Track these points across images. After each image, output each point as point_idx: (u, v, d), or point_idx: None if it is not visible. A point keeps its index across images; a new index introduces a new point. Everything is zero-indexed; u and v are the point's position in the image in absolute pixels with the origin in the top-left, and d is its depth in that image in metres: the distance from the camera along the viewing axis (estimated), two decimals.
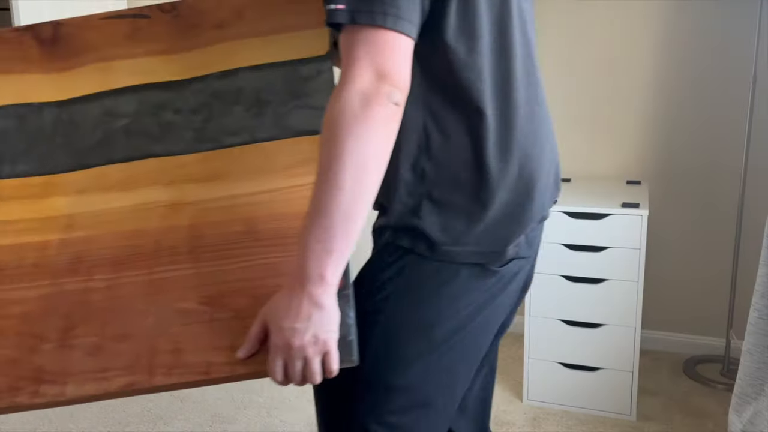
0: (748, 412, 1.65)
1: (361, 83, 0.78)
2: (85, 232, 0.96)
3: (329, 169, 0.79)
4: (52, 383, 0.82)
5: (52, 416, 2.24)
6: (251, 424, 2.16)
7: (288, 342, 0.81)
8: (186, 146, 1.02)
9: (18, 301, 0.89)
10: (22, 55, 1.08)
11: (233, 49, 1.08)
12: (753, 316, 1.66)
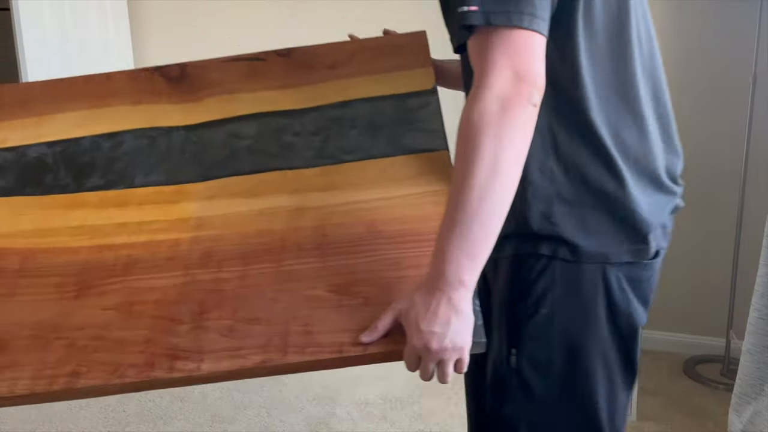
0: (748, 412, 1.65)
1: (501, 86, 0.77)
2: (214, 231, 1.03)
3: (468, 174, 0.79)
4: (187, 360, 0.86)
5: (53, 416, 2.24)
6: (251, 424, 2.16)
7: (426, 345, 0.84)
8: (306, 162, 1.11)
9: (153, 289, 0.95)
10: (151, 89, 1.23)
11: (346, 85, 1.20)
12: (753, 316, 1.66)
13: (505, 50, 0.78)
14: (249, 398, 2.33)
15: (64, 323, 0.90)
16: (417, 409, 2.22)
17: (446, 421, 2.13)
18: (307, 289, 0.94)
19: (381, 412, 2.21)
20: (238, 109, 1.20)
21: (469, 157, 0.79)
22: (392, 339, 0.88)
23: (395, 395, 2.32)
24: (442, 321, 0.83)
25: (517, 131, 0.79)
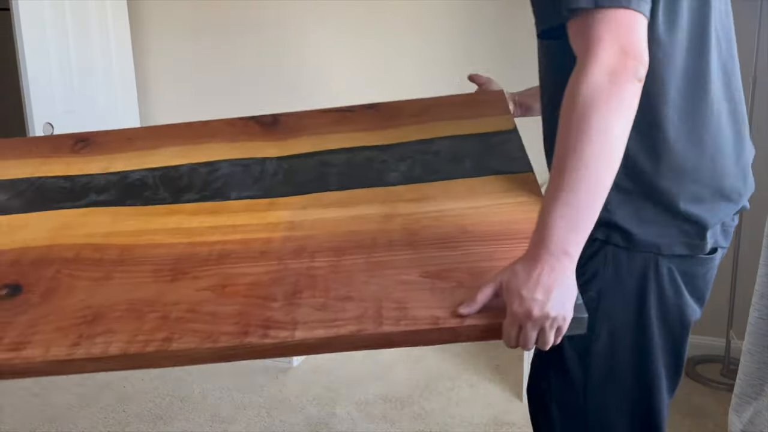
0: (748, 412, 1.65)
1: (608, 60, 0.80)
2: (306, 232, 1.08)
3: (576, 146, 0.81)
4: (281, 329, 0.89)
5: (53, 416, 2.24)
6: (251, 424, 2.16)
7: (528, 311, 0.83)
8: (395, 180, 1.20)
9: (246, 274, 0.99)
10: (246, 132, 1.38)
11: (429, 128, 1.32)
12: (753, 316, 1.66)
13: (611, 27, 0.81)
14: (249, 398, 2.33)
15: (159, 300, 0.96)
16: (417, 409, 2.22)
17: (446, 421, 2.13)
18: (399, 274, 0.96)
19: (381, 412, 2.21)
20: (328, 145, 1.31)
21: (578, 128, 0.81)
22: (491, 313, 0.88)
23: (395, 395, 2.32)
24: (545, 289, 0.83)
25: (625, 104, 0.81)
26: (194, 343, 0.88)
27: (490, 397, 2.28)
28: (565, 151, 0.83)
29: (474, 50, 2.71)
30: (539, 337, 0.86)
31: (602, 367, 1.00)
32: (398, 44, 2.83)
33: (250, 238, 1.08)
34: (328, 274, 0.98)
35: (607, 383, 1.02)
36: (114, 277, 1.02)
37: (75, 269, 1.04)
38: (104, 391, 2.41)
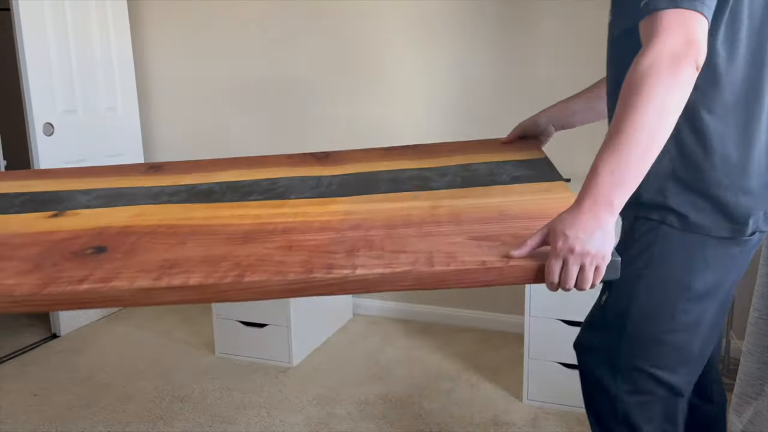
0: (748, 412, 1.65)
1: (673, 44, 0.95)
2: (361, 216, 1.23)
3: (634, 110, 0.95)
4: (343, 268, 1.00)
5: (53, 416, 2.24)
6: (251, 424, 2.16)
7: (571, 247, 0.95)
8: (437, 186, 1.37)
9: (309, 240, 1.13)
10: (304, 162, 1.62)
11: (466, 158, 1.53)
12: (753, 316, 1.66)
13: (680, 21, 0.96)
14: (249, 398, 2.33)
15: (231, 254, 1.09)
16: (417, 409, 2.22)
17: (446, 422, 2.13)
18: (447, 238, 1.09)
19: (381, 412, 2.21)
20: (375, 168, 1.53)
21: (636, 98, 0.95)
22: (535, 257, 0.99)
23: (395, 395, 2.32)
24: (587, 230, 0.94)
25: (681, 84, 0.95)
26: (265, 276, 1.00)
27: (490, 397, 2.28)
28: (622, 116, 0.96)
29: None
30: (579, 275, 0.96)
31: (638, 329, 1.14)
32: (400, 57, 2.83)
33: (311, 220, 1.22)
34: (382, 239, 1.11)
35: (639, 344, 1.15)
36: (188, 243, 1.15)
37: (152, 239, 1.19)
38: (104, 391, 2.41)
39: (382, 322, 3.04)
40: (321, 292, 1.00)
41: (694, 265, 1.11)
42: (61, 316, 2.95)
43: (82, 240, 1.21)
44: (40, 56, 2.77)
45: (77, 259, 1.12)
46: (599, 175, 0.96)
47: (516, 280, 1.00)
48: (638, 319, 1.14)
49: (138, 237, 1.20)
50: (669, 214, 1.10)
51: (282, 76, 3.06)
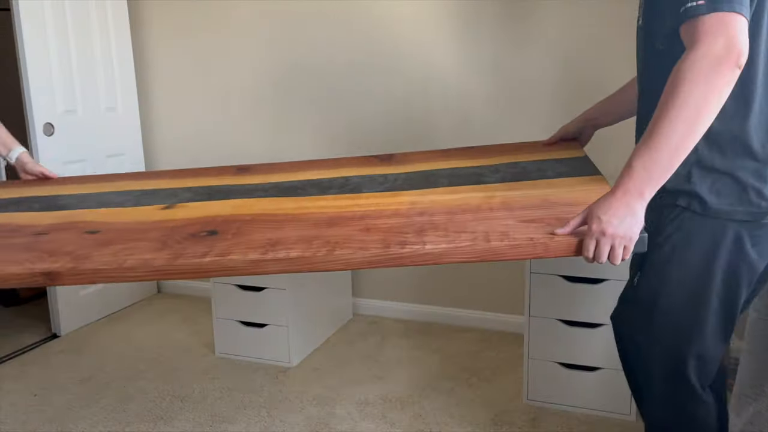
0: (748, 412, 1.65)
1: (716, 48, 1.03)
2: (425, 206, 1.43)
3: (670, 115, 1.06)
4: (414, 244, 1.21)
5: (53, 416, 2.24)
6: (251, 424, 2.16)
7: (603, 229, 1.12)
8: (491, 181, 1.58)
9: (383, 223, 1.35)
10: (368, 163, 1.88)
11: (515, 157, 1.75)
12: (753, 316, 1.66)
13: (721, 24, 1.03)
14: (249, 398, 2.33)
15: (321, 235, 1.31)
16: (417, 409, 2.22)
17: (446, 421, 2.13)
18: (501, 222, 1.28)
19: (381, 412, 2.21)
20: (435, 167, 1.75)
21: (676, 101, 1.05)
22: (575, 236, 1.17)
23: (395, 395, 2.32)
24: (619, 215, 1.11)
25: (722, 86, 1.04)
26: (351, 250, 1.22)
27: (490, 397, 2.28)
28: (661, 117, 1.07)
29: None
30: (610, 252, 1.13)
31: (668, 308, 1.26)
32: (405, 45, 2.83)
33: (383, 209, 1.44)
34: (446, 222, 1.31)
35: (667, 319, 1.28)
36: (284, 227, 1.38)
37: (253, 225, 1.42)
38: (104, 391, 2.41)
39: (382, 322, 3.04)
40: (396, 264, 1.21)
41: (715, 248, 1.21)
42: (61, 316, 2.95)
43: (195, 226, 1.44)
44: (40, 56, 2.77)
45: (195, 240, 1.35)
46: (633, 169, 1.10)
47: (559, 253, 1.18)
48: (669, 299, 1.26)
49: (241, 223, 1.43)
50: (693, 200, 1.20)
51: (282, 76, 3.06)
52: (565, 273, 2.09)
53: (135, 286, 3.40)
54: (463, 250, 1.18)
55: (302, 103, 3.05)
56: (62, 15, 2.87)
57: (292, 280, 2.52)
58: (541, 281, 2.12)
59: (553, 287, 2.11)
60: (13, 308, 3.38)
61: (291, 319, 2.54)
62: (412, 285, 3.04)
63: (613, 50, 2.48)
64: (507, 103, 2.70)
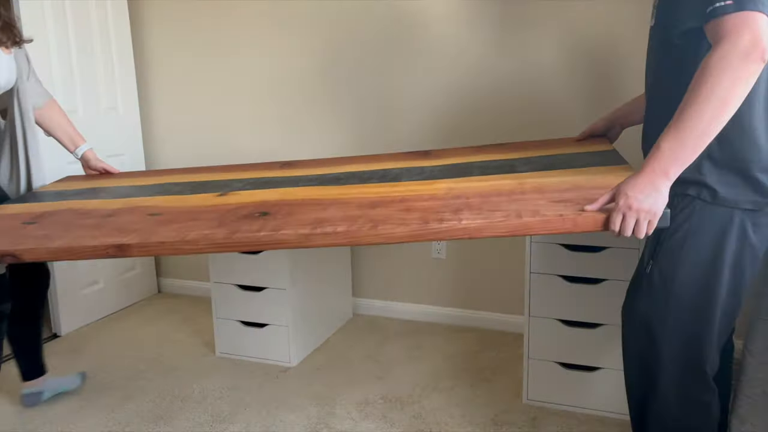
0: (748, 412, 1.65)
1: (743, 43, 1.12)
2: (461, 191, 1.54)
3: (698, 103, 1.15)
4: (451, 220, 1.34)
5: (53, 416, 2.24)
6: (251, 424, 2.16)
7: (629, 204, 1.22)
8: (523, 171, 1.67)
9: (422, 204, 1.47)
10: (408, 157, 2.03)
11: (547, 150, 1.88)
12: (753, 316, 1.66)
13: (746, 22, 1.13)
14: (249, 398, 2.33)
15: (365, 214, 1.44)
16: (417, 409, 2.22)
17: (446, 421, 2.13)
18: (532, 202, 1.38)
19: (381, 412, 2.21)
20: (469, 160, 1.87)
21: (706, 88, 1.14)
22: (603, 212, 1.27)
23: (395, 395, 2.32)
24: (645, 192, 1.21)
25: (748, 78, 1.14)
26: (392, 226, 1.34)
27: (490, 397, 2.28)
28: (687, 104, 1.17)
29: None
30: (636, 226, 1.22)
31: (682, 291, 1.35)
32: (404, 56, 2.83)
33: (421, 193, 1.56)
34: (480, 203, 1.42)
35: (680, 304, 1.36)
36: (329, 209, 1.51)
37: (301, 207, 1.55)
38: (104, 391, 2.41)
39: (382, 322, 3.04)
40: (433, 238, 1.34)
41: (723, 234, 1.31)
42: (61, 316, 2.95)
43: (248, 209, 1.59)
44: (40, 56, 2.77)
45: (248, 219, 1.50)
46: (660, 151, 1.21)
47: (587, 228, 1.27)
48: (682, 283, 1.35)
49: (291, 206, 1.58)
50: (703, 189, 1.31)
51: (282, 76, 3.06)
52: (565, 273, 2.09)
53: (135, 287, 3.40)
54: (497, 225, 1.29)
55: (302, 102, 3.05)
56: (62, 15, 2.87)
57: (292, 280, 2.52)
58: (541, 281, 2.12)
59: (553, 287, 2.11)
60: None
61: (291, 319, 2.54)
62: (412, 285, 3.04)
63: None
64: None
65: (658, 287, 1.38)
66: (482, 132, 2.74)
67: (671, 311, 1.37)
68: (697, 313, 1.36)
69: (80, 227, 1.59)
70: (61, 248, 1.48)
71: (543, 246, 2.10)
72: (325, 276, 2.81)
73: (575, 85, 2.58)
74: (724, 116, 1.16)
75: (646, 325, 1.42)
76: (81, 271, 3.06)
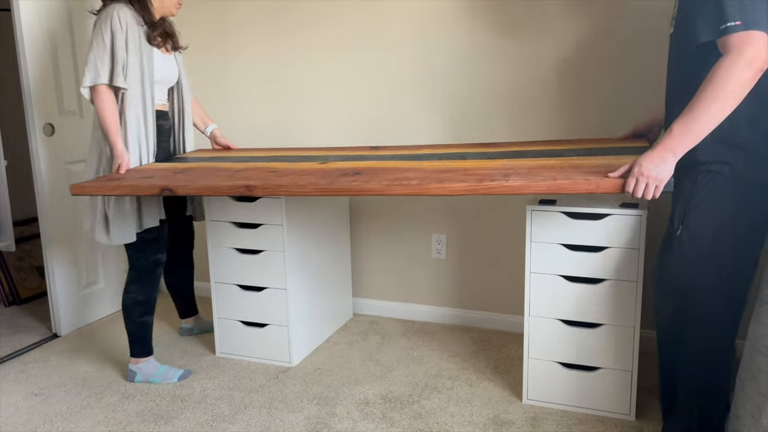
0: (747, 411, 1.65)
1: (747, 55, 1.44)
2: (512, 166, 1.87)
3: (707, 99, 1.47)
4: (501, 180, 1.69)
5: (53, 416, 2.24)
6: (251, 424, 2.16)
7: (642, 171, 1.57)
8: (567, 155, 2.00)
9: (479, 171, 1.84)
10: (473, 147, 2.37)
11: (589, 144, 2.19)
12: (755, 314, 1.66)
13: (750, 40, 1.44)
14: (249, 398, 2.33)
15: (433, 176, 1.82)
16: (417, 409, 2.22)
17: (446, 421, 2.13)
18: (568, 173, 1.72)
19: (381, 412, 2.21)
20: (523, 149, 2.21)
21: (714, 88, 1.46)
22: (621, 178, 1.61)
23: (395, 395, 2.32)
24: (655, 164, 1.55)
25: (748, 83, 1.45)
26: (454, 183, 1.71)
27: (489, 397, 2.28)
28: (699, 99, 1.49)
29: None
30: (645, 189, 1.57)
31: (705, 253, 1.63)
32: (400, 53, 2.83)
33: (481, 166, 1.92)
34: (527, 172, 1.77)
35: (706, 263, 1.64)
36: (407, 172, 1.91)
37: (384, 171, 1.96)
38: (105, 390, 2.41)
39: (382, 322, 3.04)
40: (486, 192, 1.69)
41: (743, 202, 1.58)
42: (61, 316, 2.95)
43: (343, 171, 2.01)
44: (41, 56, 2.77)
45: (344, 176, 1.93)
46: (673, 133, 1.54)
47: (607, 189, 1.62)
48: (709, 241, 1.62)
49: (377, 170, 1.98)
50: (723, 165, 1.58)
51: (281, 75, 3.06)
52: (565, 273, 2.09)
53: None
54: (536, 184, 1.65)
55: (301, 101, 3.05)
56: (62, 15, 2.87)
57: (292, 280, 2.52)
58: (541, 281, 2.12)
59: (553, 287, 2.11)
60: (13, 308, 3.38)
61: (291, 319, 2.55)
62: (412, 285, 3.04)
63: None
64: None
65: (687, 246, 1.66)
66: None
67: (698, 265, 1.65)
68: (719, 266, 1.63)
69: (217, 176, 2.07)
70: (205, 186, 1.96)
71: (543, 246, 2.10)
72: (325, 276, 2.81)
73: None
74: (726, 111, 1.47)
75: (677, 281, 1.70)
76: (81, 271, 3.06)
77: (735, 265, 1.63)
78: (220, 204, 2.54)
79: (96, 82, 2.23)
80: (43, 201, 2.85)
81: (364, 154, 2.33)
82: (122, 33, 2.24)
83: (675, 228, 1.69)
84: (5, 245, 3.00)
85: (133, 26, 2.28)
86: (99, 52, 2.23)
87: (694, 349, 1.72)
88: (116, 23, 2.23)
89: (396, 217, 3.00)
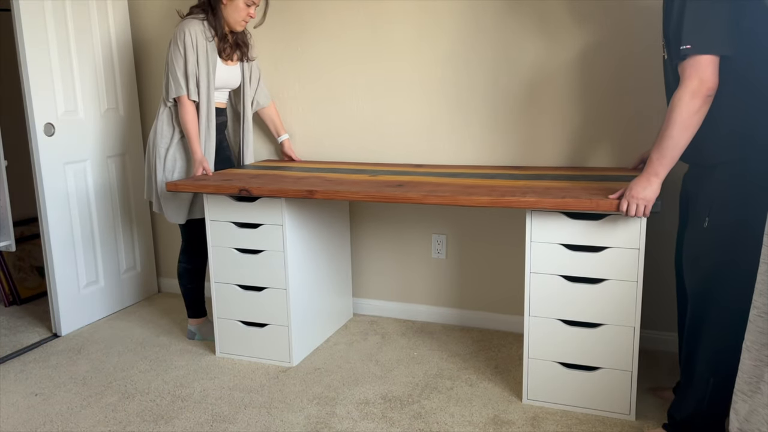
0: (745, 409, 1.65)
1: (693, 85, 1.64)
2: (531, 185, 2.20)
3: (669, 129, 1.70)
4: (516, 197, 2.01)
5: (53, 416, 2.24)
6: (251, 424, 2.16)
7: (632, 194, 1.83)
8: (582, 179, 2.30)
9: (501, 188, 2.17)
10: (501, 169, 2.67)
11: (603, 172, 2.47)
12: (752, 313, 1.66)
13: (696, 68, 1.64)
14: (249, 398, 2.33)
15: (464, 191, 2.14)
16: (417, 408, 2.22)
17: (446, 421, 2.13)
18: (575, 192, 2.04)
19: (381, 412, 2.21)
20: (547, 172, 2.52)
21: (672, 119, 1.68)
22: (617, 200, 1.90)
23: (395, 395, 2.32)
24: (642, 186, 1.81)
25: (698, 111, 1.66)
26: (480, 196, 2.04)
27: (489, 397, 2.28)
28: (664, 128, 1.72)
29: None
30: (636, 209, 1.83)
31: (727, 239, 1.75)
32: (399, 52, 2.83)
33: (506, 184, 2.25)
34: (542, 191, 2.07)
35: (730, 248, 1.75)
36: (443, 186, 2.25)
37: (424, 184, 2.32)
38: (105, 390, 2.41)
39: (382, 322, 3.04)
40: (506, 205, 2.01)
41: (756, 196, 1.71)
42: (61, 316, 2.95)
43: (390, 182, 2.36)
44: (41, 56, 2.78)
45: (389, 187, 2.26)
46: (652, 160, 1.77)
47: (606, 208, 1.89)
48: (728, 227, 1.75)
49: (417, 183, 2.33)
50: (737, 163, 1.72)
51: (281, 74, 3.06)
52: (565, 273, 2.09)
53: (135, 287, 3.40)
54: (546, 200, 1.96)
55: (302, 99, 3.05)
56: (63, 15, 2.87)
57: (292, 280, 2.52)
58: (541, 281, 2.12)
59: (553, 287, 2.11)
60: (13, 308, 3.38)
61: (291, 319, 2.55)
62: (412, 285, 3.04)
63: None
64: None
65: (709, 233, 1.78)
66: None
67: (715, 246, 1.78)
68: (735, 247, 1.75)
69: (283, 182, 2.43)
70: (275, 189, 2.32)
71: (543, 246, 2.10)
72: (325, 276, 2.81)
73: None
74: (687, 135, 1.69)
75: (696, 261, 1.83)
76: (81, 271, 3.06)
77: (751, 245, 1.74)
78: (220, 204, 2.54)
79: (179, 93, 2.57)
80: (43, 201, 2.85)
81: (408, 170, 2.69)
82: (193, 49, 2.55)
83: (701, 219, 1.81)
84: (5, 245, 3.00)
85: (201, 41, 2.57)
86: (179, 64, 2.57)
87: (716, 317, 1.81)
88: (188, 40, 2.54)
89: (396, 218, 3.01)
